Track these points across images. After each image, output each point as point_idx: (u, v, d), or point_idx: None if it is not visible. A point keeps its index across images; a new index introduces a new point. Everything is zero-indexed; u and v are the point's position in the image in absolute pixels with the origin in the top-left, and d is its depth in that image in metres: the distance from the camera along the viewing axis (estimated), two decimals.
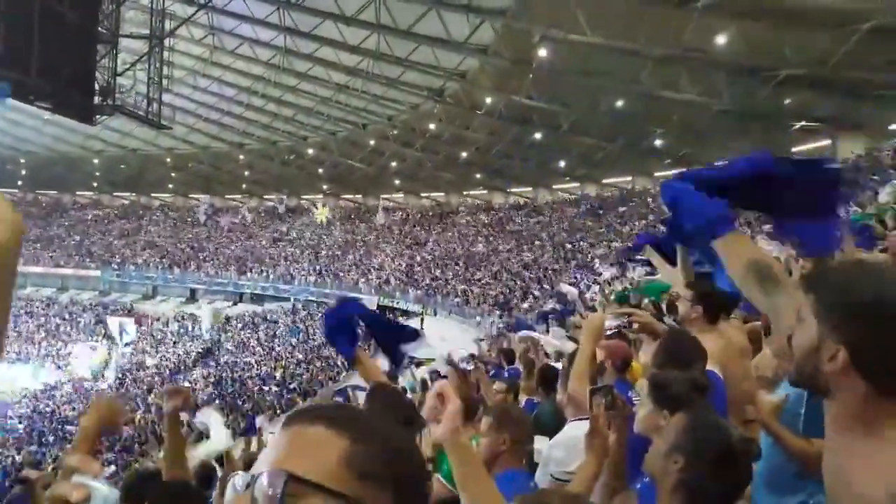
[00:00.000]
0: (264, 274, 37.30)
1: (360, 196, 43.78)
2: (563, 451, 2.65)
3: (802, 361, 1.09)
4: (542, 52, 22.18)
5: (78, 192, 49.95)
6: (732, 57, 18.57)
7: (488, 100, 27.21)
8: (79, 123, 26.39)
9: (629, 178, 32.38)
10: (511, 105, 26.89)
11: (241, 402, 23.13)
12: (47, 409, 26.90)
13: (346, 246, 38.84)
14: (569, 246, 29.95)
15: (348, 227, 41.50)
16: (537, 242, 32.33)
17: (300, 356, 28.53)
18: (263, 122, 36.39)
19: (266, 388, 24.82)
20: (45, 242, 44.50)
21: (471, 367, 7.58)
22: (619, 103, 23.71)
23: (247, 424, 15.30)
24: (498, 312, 25.65)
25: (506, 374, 6.37)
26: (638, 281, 13.94)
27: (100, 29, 23.02)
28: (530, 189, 38.15)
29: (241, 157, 40.43)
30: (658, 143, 26.44)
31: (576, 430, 2.62)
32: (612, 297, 9.74)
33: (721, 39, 18.15)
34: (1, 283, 0.48)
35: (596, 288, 19.60)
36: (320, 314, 33.11)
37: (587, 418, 2.19)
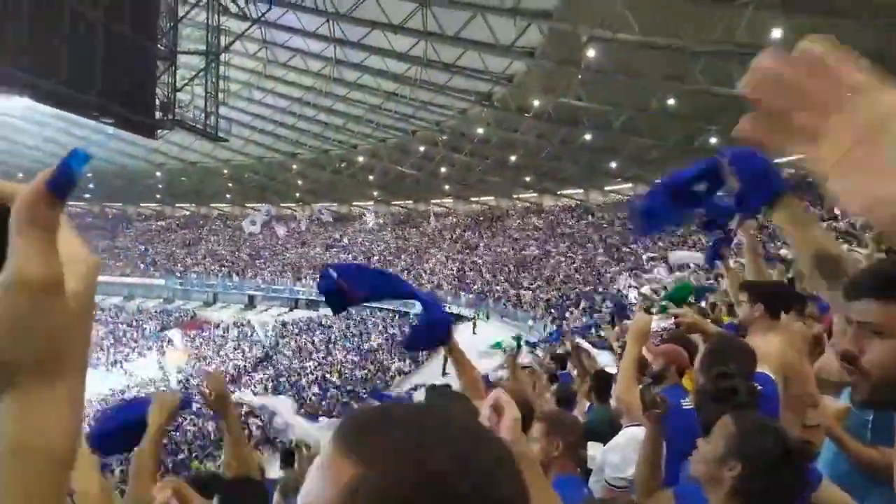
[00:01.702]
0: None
1: (410, 202, 44.17)
2: (619, 456, 2.63)
3: (885, 380, 0.99)
4: (591, 53, 21.95)
5: (142, 204, 52.06)
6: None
7: (536, 102, 27.06)
8: (141, 138, 27.60)
9: None
10: (559, 107, 26.68)
11: (298, 407, 23.60)
12: None
13: (398, 251, 39.24)
14: (625, 249, 29.46)
15: (399, 232, 41.94)
16: (589, 244, 31.93)
17: (355, 359, 28.97)
18: (315, 132, 37.13)
19: (322, 392, 25.28)
20: (112, 253, 46.56)
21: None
22: (671, 101, 23.24)
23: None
24: (550, 316, 25.44)
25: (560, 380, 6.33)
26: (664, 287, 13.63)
27: (159, 46, 24.02)
28: (581, 191, 37.72)
29: (295, 166, 41.37)
30: (713, 140, 25.75)
31: (630, 435, 2.60)
32: (658, 304, 9.51)
33: (776, 34, 17.61)
34: (82, 324, 0.48)
35: (647, 288, 19.23)
36: (372, 320, 33.57)
37: (640, 424, 2.18)
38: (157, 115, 23.85)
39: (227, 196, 48.32)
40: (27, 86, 19.56)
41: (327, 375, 27.60)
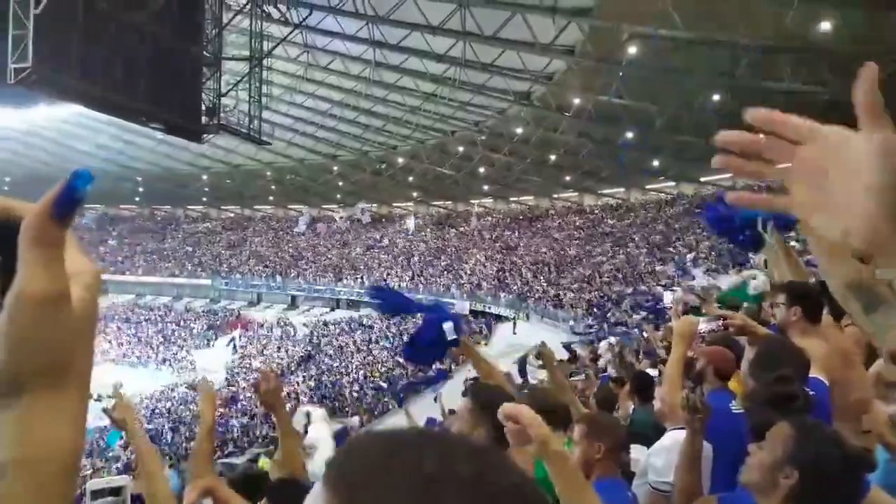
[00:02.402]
0: (359, 280, 38.44)
1: (449, 203, 44.28)
2: (662, 460, 2.60)
3: None
4: (632, 50, 21.65)
5: (189, 207, 53.47)
6: (837, 44, 17.38)
7: (576, 101, 26.81)
8: (188, 142, 28.38)
9: (730, 175, 30.87)
10: (600, 105, 26.38)
11: (338, 405, 23.91)
12: (165, 409, 28.88)
13: (437, 252, 39.37)
14: (668, 249, 28.95)
15: (439, 233, 42.07)
16: (631, 244, 31.48)
17: (396, 359, 29.16)
18: (355, 134, 37.54)
19: (363, 391, 25.53)
20: (161, 254, 47.95)
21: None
22: (716, 97, 22.73)
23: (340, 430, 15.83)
24: (591, 317, 25.17)
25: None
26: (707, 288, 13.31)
27: (205, 53, 24.66)
28: (622, 190, 37.21)
29: (335, 168, 41.91)
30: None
31: (675, 438, 2.57)
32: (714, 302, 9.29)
33: (825, 26, 17.08)
34: (86, 334, 0.50)
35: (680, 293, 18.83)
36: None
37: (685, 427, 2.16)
38: (203, 119, 24.50)
39: (270, 198, 49.27)
40: (80, 93, 20.34)
41: (368, 375, 27.87)
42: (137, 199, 50.77)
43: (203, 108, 24.43)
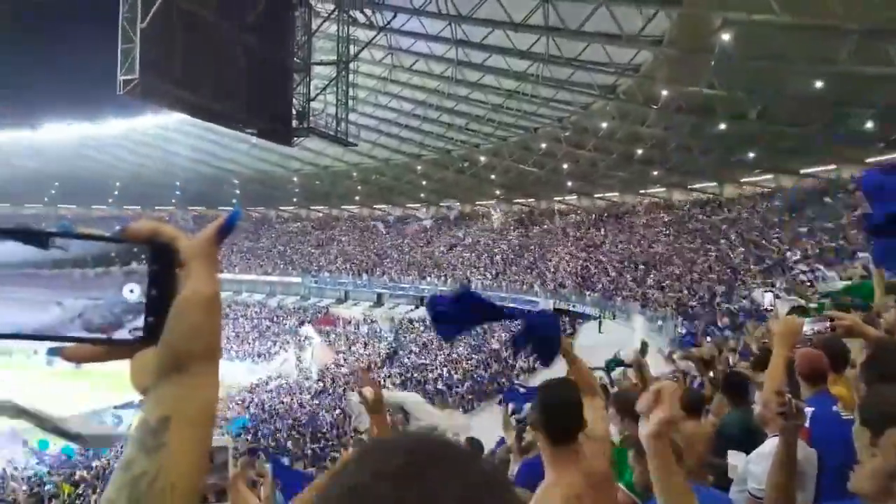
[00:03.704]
0: (443, 278, 38.85)
1: (532, 200, 43.94)
2: (761, 467, 2.50)
3: None
4: (725, 37, 20.69)
5: (280, 207, 55.78)
6: None
7: (664, 93, 25.93)
8: (280, 145, 29.63)
9: (832, 168, 28.99)
10: (689, 96, 25.41)
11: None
12: (259, 401, 30.27)
13: (521, 249, 39.18)
14: (765, 244, 27.52)
15: (522, 231, 41.85)
16: (724, 241, 30.14)
17: (479, 357, 29.29)
18: (438, 133, 37.93)
19: (447, 389, 25.78)
20: (255, 253, 50.30)
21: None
22: (818, 84, 21.36)
23: None
24: (681, 317, 24.31)
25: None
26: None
27: (295, 60, 25.66)
28: (714, 184, 35.67)
29: (419, 167, 42.51)
30: (869, 125, 23.38)
31: (776, 445, 2.46)
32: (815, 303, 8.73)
33: None
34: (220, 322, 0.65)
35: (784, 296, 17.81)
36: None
37: None
38: (294, 123, 25.51)
39: (356, 198, 50.60)
40: (182, 102, 21.68)
41: (452, 373, 28.12)
42: (234, 200, 53.42)
43: (293, 112, 25.45)
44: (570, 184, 39.80)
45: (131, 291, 0.61)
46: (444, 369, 28.90)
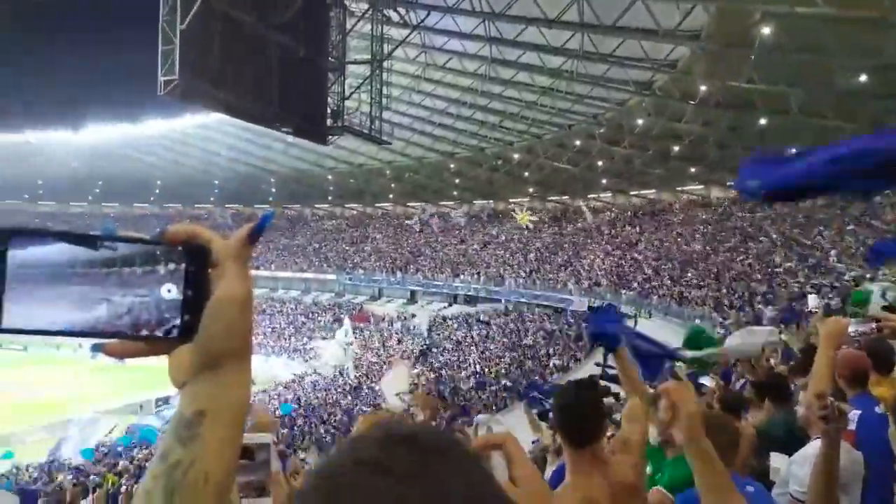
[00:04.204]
0: (476, 276, 38.82)
1: (566, 197, 43.59)
2: (804, 469, 2.45)
3: None
4: (765, 31, 20.20)
5: (315, 205, 56.43)
6: None
7: (702, 88, 25.42)
8: (315, 144, 29.96)
9: None
10: (728, 91, 24.86)
11: (456, 400, 24.31)
12: (296, 396, 30.70)
13: (555, 247, 38.91)
14: (807, 242, 26.83)
15: (556, 228, 41.57)
16: (763, 239, 29.47)
17: (514, 354, 29.21)
18: (472, 131, 37.89)
19: (481, 386, 25.78)
20: (291, 250, 50.99)
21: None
22: (863, 78, 20.70)
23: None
24: (720, 317, 23.83)
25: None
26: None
27: (329, 59, 25.91)
28: None
29: (452, 165, 42.53)
30: None
31: (819, 447, 2.41)
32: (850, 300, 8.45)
33: None
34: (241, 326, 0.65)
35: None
36: (538, 315, 33.62)
37: None
38: (329, 122, 25.78)
39: (390, 196, 50.89)
40: (221, 102, 22.08)
41: (486, 370, 28.10)
42: (271, 198, 54.22)
43: (328, 111, 25.72)
44: (604, 181, 39.37)
45: (168, 290, 0.64)
46: (478, 366, 28.90)
